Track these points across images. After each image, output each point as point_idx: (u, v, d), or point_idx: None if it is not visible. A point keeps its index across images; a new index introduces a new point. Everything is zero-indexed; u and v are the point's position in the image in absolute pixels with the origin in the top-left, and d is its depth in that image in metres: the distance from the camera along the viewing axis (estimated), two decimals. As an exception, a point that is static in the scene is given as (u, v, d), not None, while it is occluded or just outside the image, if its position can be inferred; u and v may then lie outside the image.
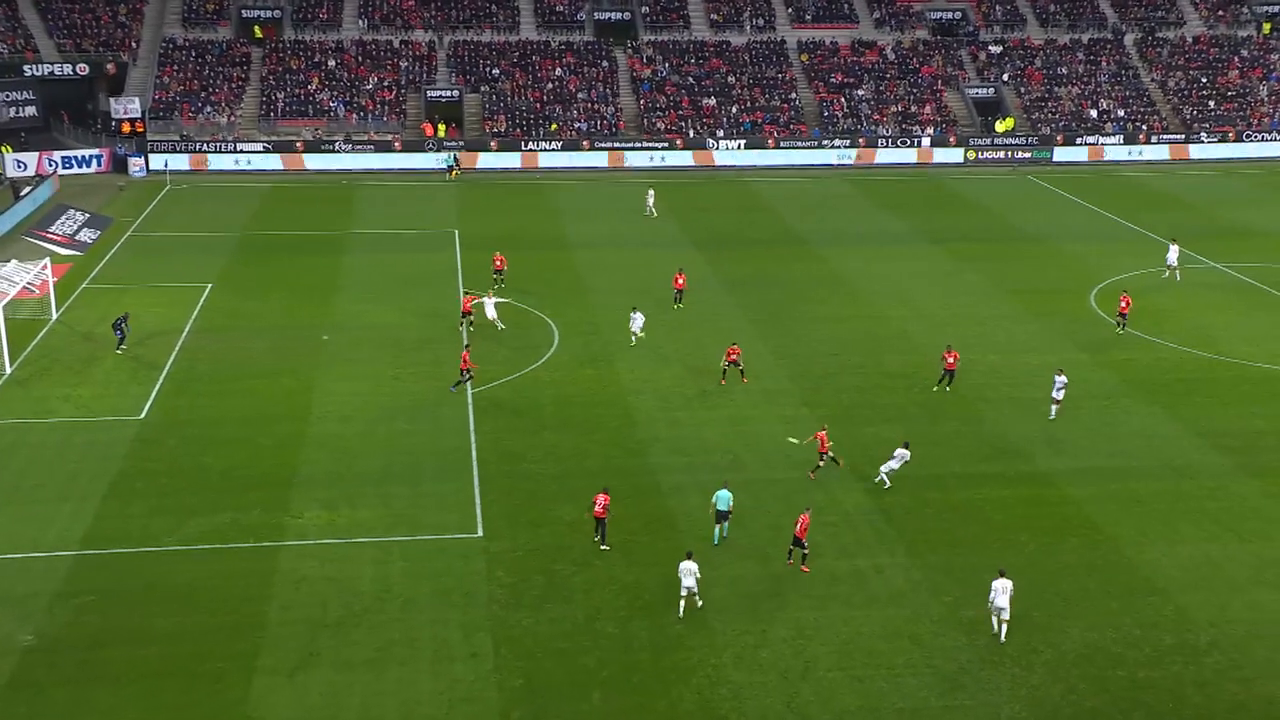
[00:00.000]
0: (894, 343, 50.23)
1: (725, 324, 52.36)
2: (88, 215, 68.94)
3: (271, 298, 55.15)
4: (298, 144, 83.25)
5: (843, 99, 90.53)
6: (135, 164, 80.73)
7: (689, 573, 30.74)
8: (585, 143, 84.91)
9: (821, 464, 38.59)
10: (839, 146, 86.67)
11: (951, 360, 44.80)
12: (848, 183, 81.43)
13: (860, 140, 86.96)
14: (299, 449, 39.93)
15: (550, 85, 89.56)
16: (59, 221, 66.93)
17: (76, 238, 65.05)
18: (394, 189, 78.72)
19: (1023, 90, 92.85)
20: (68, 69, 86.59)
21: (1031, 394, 44.68)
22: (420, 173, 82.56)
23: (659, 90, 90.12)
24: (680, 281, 53.78)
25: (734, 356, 45.27)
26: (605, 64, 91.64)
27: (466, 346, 46.57)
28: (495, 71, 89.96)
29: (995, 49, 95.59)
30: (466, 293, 53.02)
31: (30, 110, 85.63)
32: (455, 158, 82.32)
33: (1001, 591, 29.97)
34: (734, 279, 58.97)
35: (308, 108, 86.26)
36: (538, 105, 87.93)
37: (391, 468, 38.71)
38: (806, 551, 33.17)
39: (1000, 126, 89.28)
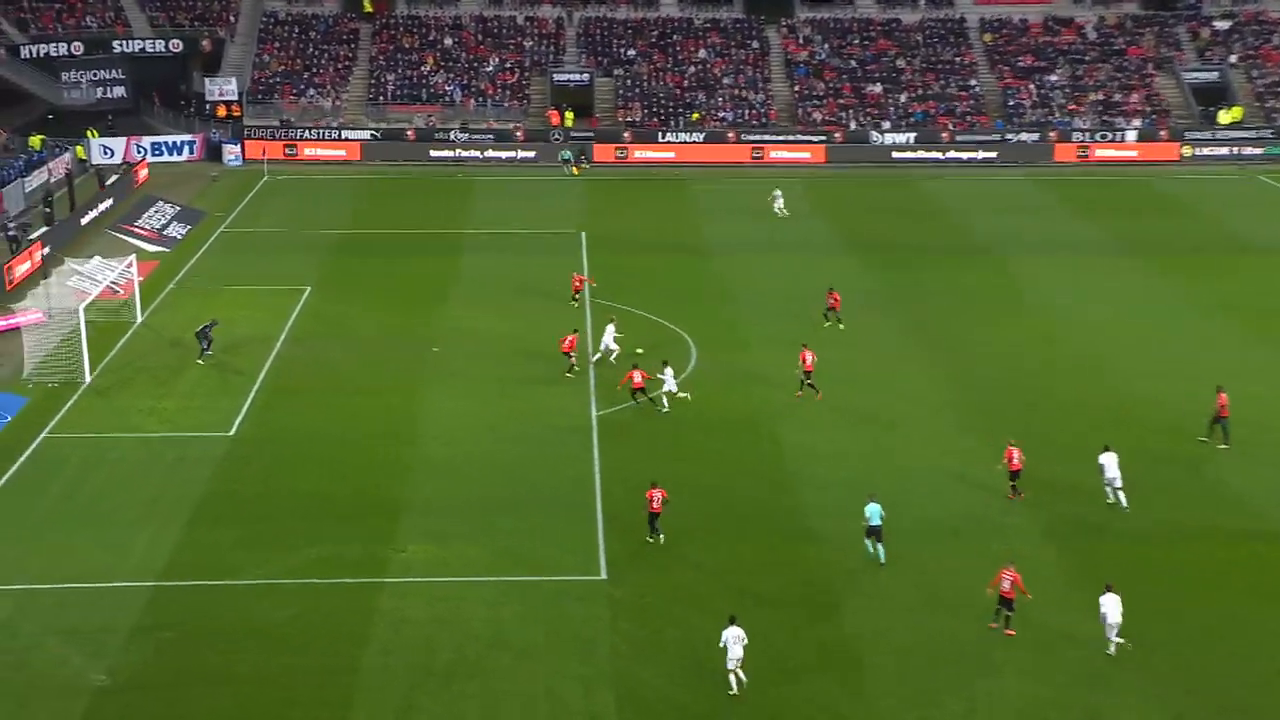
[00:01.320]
0: (1084, 370, 49.01)
1: (883, 342, 51.89)
2: (178, 208, 71.09)
3: (375, 303, 56.10)
4: (408, 132, 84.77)
5: (1031, 85, 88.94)
6: (230, 151, 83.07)
7: (737, 640, 30.23)
8: (731, 134, 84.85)
9: (1016, 487, 38.49)
10: (1025, 141, 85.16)
11: (1222, 404, 42.37)
12: (1034, 182, 79.92)
13: (1051, 134, 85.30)
14: (403, 474, 40.44)
15: (692, 69, 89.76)
16: (147, 214, 69.15)
17: (165, 233, 67.11)
18: (514, 183, 79.57)
19: (1255, 74, 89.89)
20: (160, 45, 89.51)
21: (1261, 435, 43.10)
22: (544, 166, 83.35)
23: (816, 75, 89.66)
24: (834, 300, 53.27)
25: (808, 364, 45.64)
26: (755, 45, 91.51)
27: (635, 365, 46.01)
28: (631, 53, 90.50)
29: (1222, 24, 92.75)
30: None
31: (119, 91, 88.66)
32: (578, 151, 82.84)
33: (1113, 607, 31.37)
34: (895, 291, 58.30)
35: (421, 91, 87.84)
36: (678, 91, 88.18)
37: (506, 498, 38.95)
38: (1011, 614, 32.41)
39: (1225, 117, 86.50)
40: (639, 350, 49.55)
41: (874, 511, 35.52)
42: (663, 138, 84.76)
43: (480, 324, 53.60)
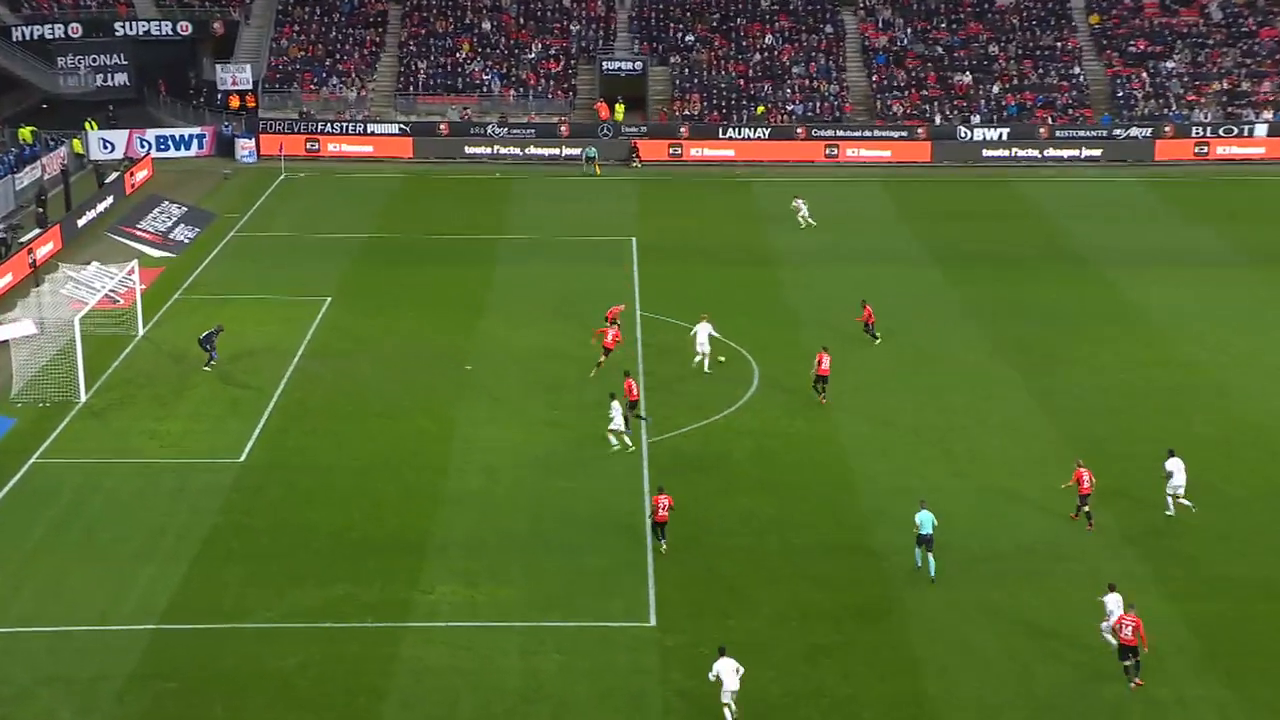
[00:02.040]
0: (1205, 398, 48.55)
1: (971, 362, 51.81)
2: (185, 209, 71.86)
3: (403, 316, 56.43)
4: (441, 126, 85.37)
5: (1144, 74, 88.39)
6: (244, 146, 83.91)
7: (732, 672, 30.81)
8: (800, 130, 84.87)
9: (1087, 510, 39.00)
10: (1136, 137, 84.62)
11: None
12: (1144, 184, 79.43)
13: (1166, 129, 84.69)
14: (432, 507, 40.62)
15: (758, 57, 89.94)
16: (151, 216, 69.95)
17: (171, 236, 67.86)
18: (558, 184, 79.92)
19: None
20: (167, 28, 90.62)
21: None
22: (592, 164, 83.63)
23: (897, 64, 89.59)
24: (868, 314, 53.27)
25: (823, 368, 47.18)
26: (829, 29, 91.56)
27: (626, 373, 46.95)
28: (689, 39, 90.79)
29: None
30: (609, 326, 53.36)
31: (121, 78, 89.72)
32: (628, 151, 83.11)
33: (1117, 606, 32.82)
34: (984, 305, 58.11)
35: (456, 81, 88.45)
36: (741, 82, 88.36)
37: (545, 535, 39.02)
38: (1139, 660, 32.25)
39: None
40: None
41: (926, 519, 36.65)
42: (724, 134, 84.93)
43: (518, 340, 53.78)
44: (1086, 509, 39.28)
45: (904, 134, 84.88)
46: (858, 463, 43.43)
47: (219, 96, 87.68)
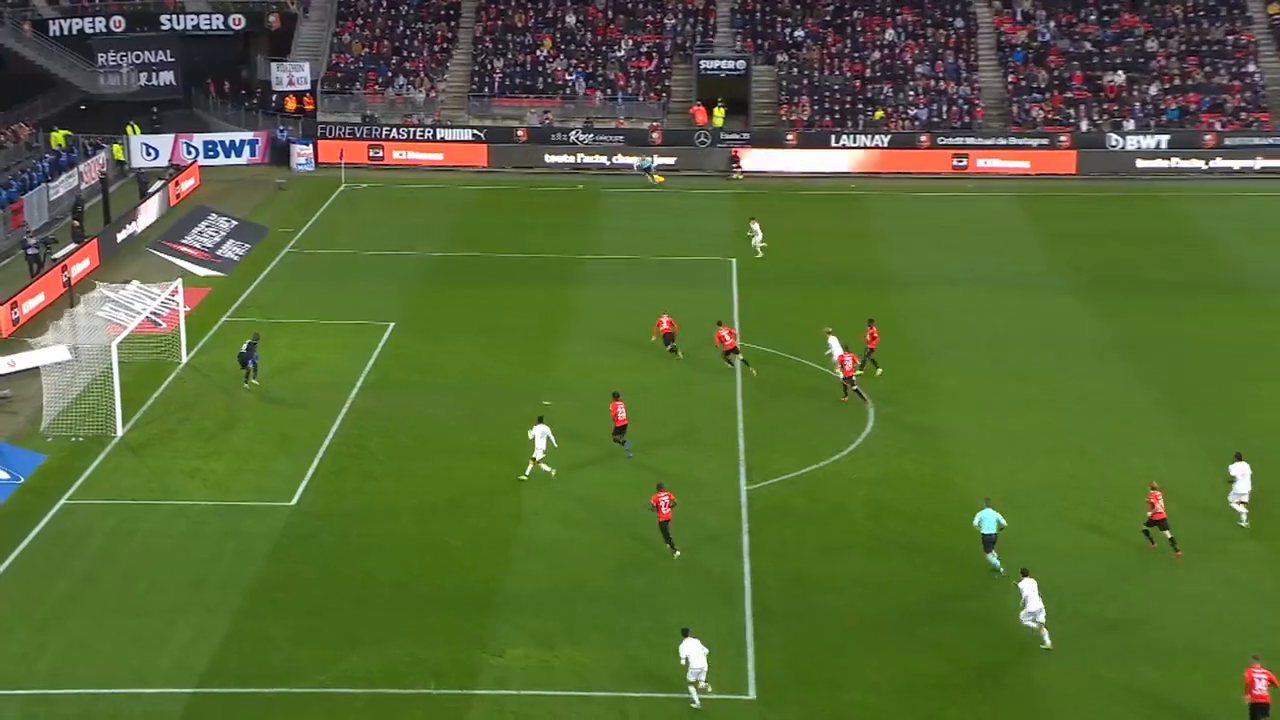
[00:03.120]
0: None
1: (1117, 404, 51.37)
2: (235, 222, 72.85)
3: (474, 344, 56.79)
4: (519, 131, 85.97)
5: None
6: (301, 153, 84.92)
7: (699, 652, 33.72)
8: (924, 137, 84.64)
9: (1173, 541, 39.96)
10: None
11: None
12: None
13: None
14: (504, 559, 40.79)
15: (877, 55, 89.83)
16: (197, 230, 70.98)
17: (219, 253, 68.80)
18: (648, 197, 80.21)
19: None
20: (218, 22, 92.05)
21: None
22: (689, 175, 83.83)
23: (1038, 62, 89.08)
24: (872, 338, 53.26)
25: (848, 369, 50.03)
26: (959, 23, 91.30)
27: (616, 394, 47.50)
28: (798, 34, 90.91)
29: None
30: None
31: (166, 77, 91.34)
32: (727, 162, 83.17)
33: (1033, 591, 35.88)
34: (1132, 339, 57.68)
35: (535, 82, 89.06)
36: (857, 84, 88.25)
37: (630, 592, 39.03)
38: None
39: None
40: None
41: (989, 519, 39.04)
42: (836, 141, 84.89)
43: (603, 372, 53.84)
44: (1164, 532, 40.38)
45: (1044, 142, 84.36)
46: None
47: (274, 98, 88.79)
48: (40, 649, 36.44)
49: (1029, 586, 36.39)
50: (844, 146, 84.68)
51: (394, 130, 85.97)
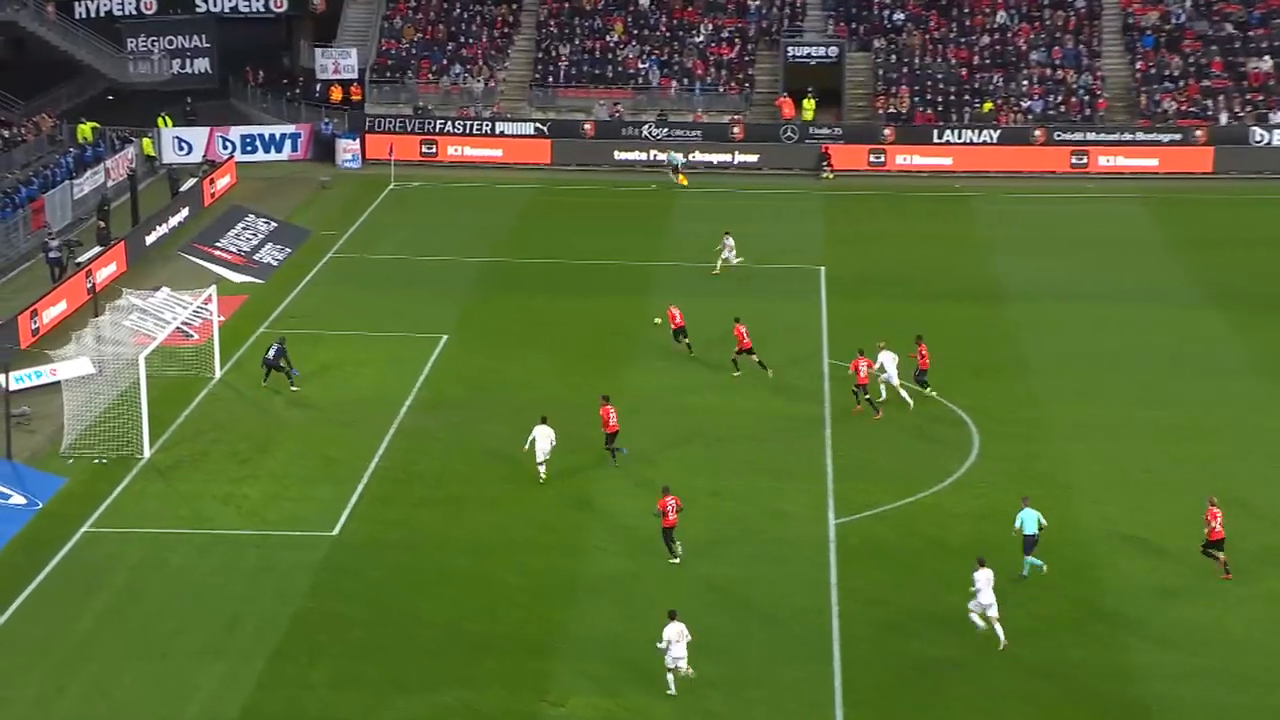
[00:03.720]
0: None
1: (1263, 431, 50.74)
2: (274, 224, 73.21)
3: (534, 359, 56.82)
4: (586, 125, 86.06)
5: None
6: (346, 149, 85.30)
7: (681, 637, 35.48)
8: (1038, 132, 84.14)
9: (1225, 564, 40.13)
10: None
11: None
12: None
13: None
14: (566, 597, 40.68)
15: (986, 39, 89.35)
16: (233, 232, 71.38)
17: (256, 257, 69.14)
18: (728, 198, 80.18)
19: None
20: (257, 4, 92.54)
21: None
22: (773, 175, 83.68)
23: (1170, 47, 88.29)
24: (923, 356, 53.05)
25: (862, 376, 50.64)
26: (1080, 4, 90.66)
27: (605, 398, 48.30)
28: (898, 17, 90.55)
29: None
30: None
31: (201, 64, 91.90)
32: (820, 160, 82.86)
33: (985, 583, 37.52)
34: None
35: (605, 70, 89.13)
36: (964, 72, 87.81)
37: (706, 634, 38.47)
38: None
39: None
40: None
41: (1030, 519, 40.81)
42: (939, 137, 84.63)
43: (676, 393, 53.85)
44: (1218, 552, 40.76)
45: (1177, 137, 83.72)
46: (1107, 557, 42.69)
47: (318, 88, 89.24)
48: (59, 692, 36.51)
49: (984, 578, 37.87)
50: (947, 143, 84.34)
51: (449, 124, 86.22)
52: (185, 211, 74.24)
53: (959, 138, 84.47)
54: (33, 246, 68.16)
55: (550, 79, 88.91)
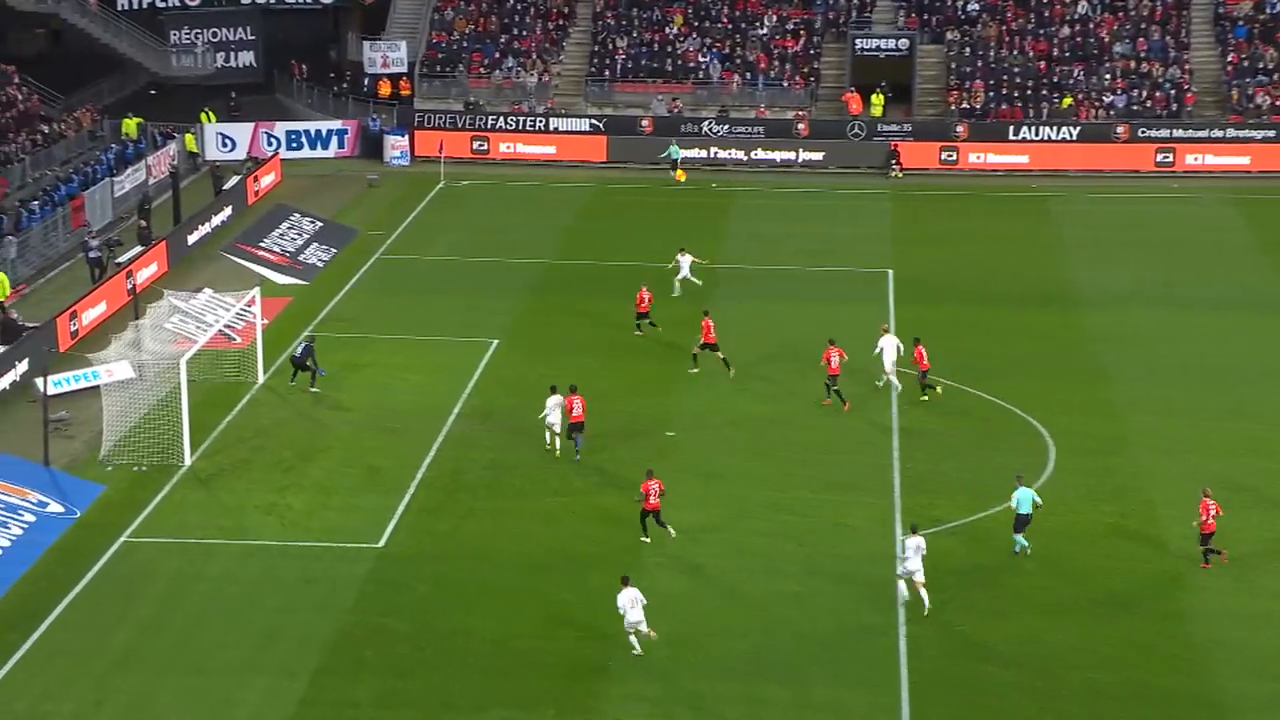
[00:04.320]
0: None
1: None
2: (319, 224, 73.49)
3: (588, 366, 56.59)
4: (644, 121, 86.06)
5: None
6: (395, 146, 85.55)
7: (636, 602, 37.59)
8: (1121, 128, 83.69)
9: (1215, 551, 41.30)
10: None
11: None
12: None
13: None
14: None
15: (1066, 31, 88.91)
16: (277, 232, 71.71)
17: (301, 258, 69.42)
18: (792, 198, 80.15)
19: None
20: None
21: None
22: (839, 174, 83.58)
23: (1265, 38, 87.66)
24: (921, 358, 53.19)
25: (834, 366, 52.22)
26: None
27: (573, 387, 49.48)
28: (972, 8, 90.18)
29: None
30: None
31: (246, 58, 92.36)
32: (891, 159, 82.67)
33: (914, 551, 39.60)
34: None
35: (664, 64, 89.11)
36: (1041, 66, 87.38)
37: (766, 656, 38.74)
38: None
39: None
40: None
41: (1025, 498, 42.24)
42: (1015, 134, 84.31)
43: (736, 401, 53.79)
44: (1206, 546, 41.92)
45: (1271, 134, 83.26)
46: (1191, 577, 42.36)
47: (365, 82, 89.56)
48: (96, 707, 36.66)
49: (912, 545, 39.98)
50: (1024, 140, 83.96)
51: (501, 120, 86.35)
52: (228, 210, 74.59)
53: (1036, 135, 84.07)
54: (72, 246, 68.63)
55: (607, 73, 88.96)
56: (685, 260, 64.00)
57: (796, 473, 48.24)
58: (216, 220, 73.16)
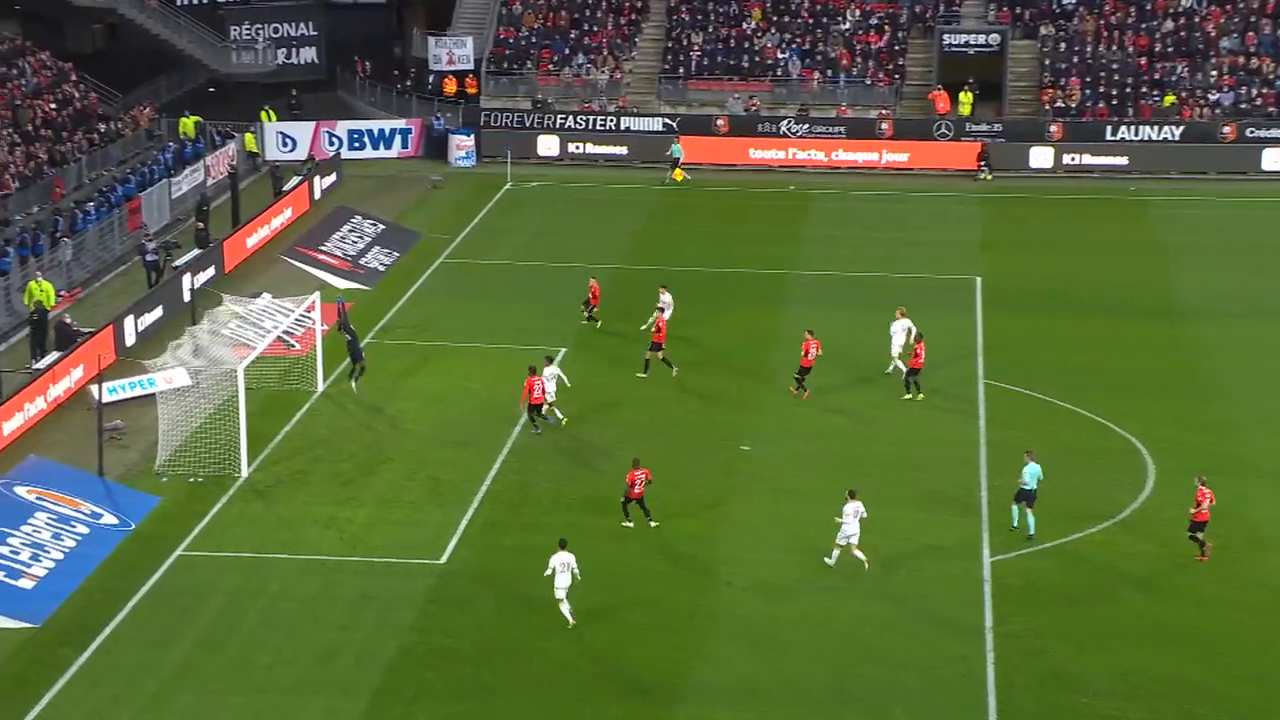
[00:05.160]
0: None
1: None
2: (382, 227, 73.67)
3: (658, 374, 56.64)
4: (719, 121, 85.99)
5: None
6: (461, 145, 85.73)
7: (566, 567, 39.73)
8: (1228, 128, 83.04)
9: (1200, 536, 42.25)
10: None
11: None
12: None
13: None
14: (696, 638, 40.48)
15: (1169, 25, 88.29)
16: (338, 235, 71.92)
17: (363, 261, 69.60)
18: (875, 201, 79.92)
19: None
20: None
21: None
22: (924, 176, 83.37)
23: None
24: (919, 356, 53.47)
25: (808, 358, 53.76)
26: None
27: (532, 368, 51.60)
28: (1068, 1, 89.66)
29: None
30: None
31: (308, 54, 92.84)
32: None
33: (853, 515, 42.63)
34: None
35: (740, 60, 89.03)
36: (1142, 62, 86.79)
37: (845, 683, 38.55)
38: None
39: None
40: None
41: (1033, 473, 44.49)
42: (1113, 134, 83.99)
43: (813, 414, 53.63)
44: (1199, 535, 43.11)
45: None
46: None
47: (430, 79, 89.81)
48: (147, 730, 36.92)
49: (850, 510, 42.66)
50: (1123, 140, 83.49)
51: (571, 119, 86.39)
52: (288, 212, 74.87)
53: (1136, 135, 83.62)
54: (128, 249, 69.01)
55: (681, 70, 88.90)
56: (666, 298, 61.07)
57: (880, 489, 47.67)
58: (275, 223, 73.40)
